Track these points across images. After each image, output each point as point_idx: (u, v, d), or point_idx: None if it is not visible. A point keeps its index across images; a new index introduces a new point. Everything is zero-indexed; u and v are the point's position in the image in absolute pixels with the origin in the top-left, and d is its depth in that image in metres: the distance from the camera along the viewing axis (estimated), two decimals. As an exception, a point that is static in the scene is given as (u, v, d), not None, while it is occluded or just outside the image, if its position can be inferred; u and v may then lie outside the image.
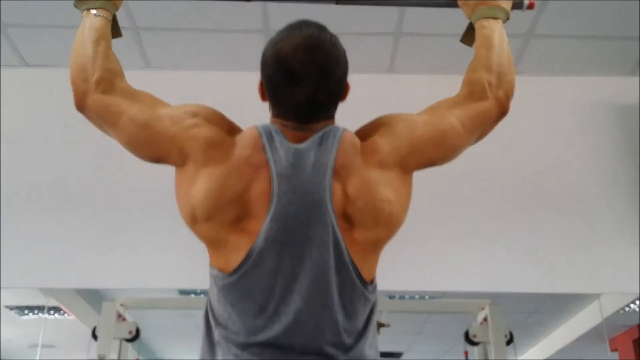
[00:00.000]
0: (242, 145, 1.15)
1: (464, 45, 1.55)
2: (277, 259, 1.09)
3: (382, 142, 1.18)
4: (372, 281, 1.17)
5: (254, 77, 1.24)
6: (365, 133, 1.22)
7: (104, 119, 1.26)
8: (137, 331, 3.25)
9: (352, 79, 1.23)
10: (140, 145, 1.23)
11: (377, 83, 3.05)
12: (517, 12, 1.54)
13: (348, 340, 1.11)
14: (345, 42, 1.25)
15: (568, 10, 2.73)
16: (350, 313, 1.12)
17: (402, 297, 3.69)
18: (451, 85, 1.47)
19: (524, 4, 1.54)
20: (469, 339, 3.36)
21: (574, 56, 3.04)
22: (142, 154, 1.24)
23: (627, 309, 3.66)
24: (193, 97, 1.51)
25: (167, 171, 1.28)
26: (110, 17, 1.40)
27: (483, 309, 3.34)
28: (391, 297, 3.60)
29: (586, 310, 3.87)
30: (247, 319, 1.09)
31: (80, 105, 1.28)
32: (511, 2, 1.49)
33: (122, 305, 3.26)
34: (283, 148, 1.14)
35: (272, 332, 1.08)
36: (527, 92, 3.10)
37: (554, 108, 3.08)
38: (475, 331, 3.34)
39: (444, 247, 2.78)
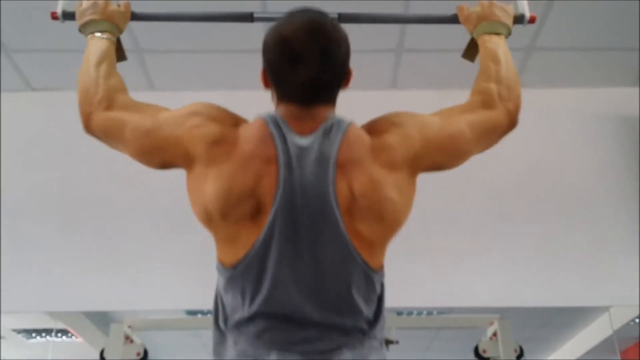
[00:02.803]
0: (249, 137, 1.15)
1: (465, 60, 1.57)
2: (280, 250, 1.10)
3: (393, 142, 1.18)
4: (381, 268, 1.19)
5: (258, 96, 1.26)
6: (375, 129, 1.22)
7: (110, 134, 1.28)
8: (145, 352, 3.23)
9: (355, 95, 1.25)
10: (148, 154, 1.24)
11: (380, 99, 3.04)
12: (518, 25, 1.55)
13: (357, 326, 1.14)
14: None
15: (569, 22, 2.75)
16: (360, 301, 1.14)
17: (410, 314, 3.67)
18: (454, 101, 1.48)
19: (525, 19, 1.56)
20: (478, 355, 3.33)
21: (575, 68, 3.05)
22: (150, 161, 1.25)
23: (637, 320, 3.63)
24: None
25: (174, 192, 1.28)
26: (114, 40, 1.43)
27: (492, 323, 3.31)
28: (399, 313, 3.57)
29: (596, 322, 3.84)
30: (254, 307, 1.11)
31: (87, 127, 1.30)
32: (512, 17, 1.51)
33: (129, 326, 3.25)
34: (289, 139, 1.14)
35: (281, 321, 1.11)
36: (529, 104, 3.08)
37: (556, 120, 3.09)
38: (485, 346, 3.31)
39: (452, 263, 2.77)
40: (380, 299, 1.19)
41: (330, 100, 1.21)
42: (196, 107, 1.23)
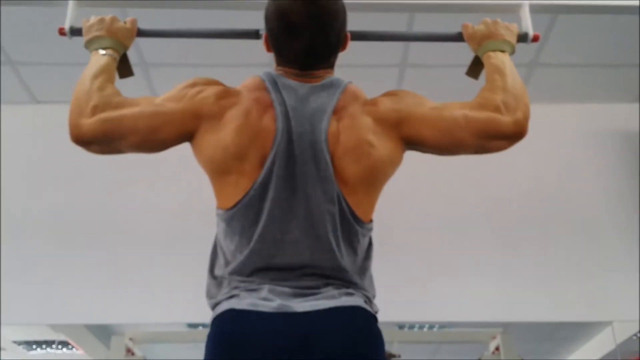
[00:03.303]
0: (248, 90, 1.25)
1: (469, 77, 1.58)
2: (276, 190, 1.17)
3: (384, 100, 1.28)
4: (369, 222, 1.25)
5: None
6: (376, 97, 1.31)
7: (107, 132, 1.25)
8: (146, 365, 3.23)
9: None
10: (154, 134, 1.25)
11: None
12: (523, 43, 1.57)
13: (345, 269, 1.19)
14: (351, 74, 1.30)
15: (571, 39, 2.77)
16: (345, 244, 1.20)
17: (412, 327, 3.66)
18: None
19: (529, 37, 1.58)
20: (481, 369, 3.32)
21: (576, 84, 3.07)
22: (156, 143, 1.26)
23: (639, 334, 3.61)
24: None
25: (175, 206, 1.28)
26: (117, 56, 1.43)
27: (495, 338, 3.30)
28: (401, 327, 3.57)
29: (598, 336, 3.82)
30: (251, 246, 1.17)
31: (76, 135, 1.26)
32: (516, 35, 1.52)
33: (130, 339, 3.24)
34: (285, 91, 1.23)
35: (273, 258, 1.17)
36: (531, 120, 3.13)
37: (558, 135, 3.10)
38: (487, 361, 3.30)
39: (455, 277, 2.77)
40: (367, 254, 1.26)
41: (328, 64, 1.30)
42: (192, 80, 1.30)
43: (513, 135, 1.33)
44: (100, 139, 1.26)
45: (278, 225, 1.18)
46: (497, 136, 1.32)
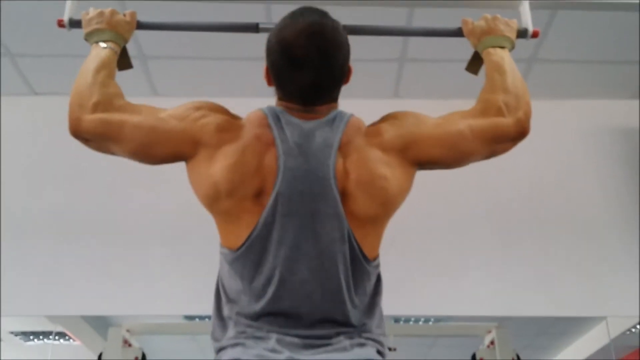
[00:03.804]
0: (250, 125, 1.21)
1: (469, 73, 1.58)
2: (281, 231, 1.14)
3: (386, 127, 1.25)
4: (375, 258, 1.22)
5: (260, 104, 1.28)
6: (375, 123, 1.29)
7: (105, 134, 1.26)
8: (143, 356, 3.24)
9: (357, 104, 1.27)
10: (148, 148, 1.25)
11: (382, 108, 3.05)
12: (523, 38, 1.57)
13: (355, 313, 1.16)
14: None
15: (570, 35, 2.78)
16: (355, 286, 1.17)
17: (407, 321, 3.67)
18: (456, 111, 1.49)
19: (528, 33, 1.58)
20: (476, 362, 3.33)
21: (576, 80, 3.08)
22: (149, 157, 1.27)
23: (633, 329, 3.64)
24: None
25: (171, 198, 1.28)
26: (117, 50, 1.43)
27: (490, 332, 3.31)
28: (397, 320, 3.58)
29: (593, 331, 3.84)
30: (256, 289, 1.14)
31: (75, 129, 1.28)
32: (516, 31, 1.52)
33: (127, 330, 3.25)
34: (289, 127, 1.20)
35: (280, 301, 1.13)
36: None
37: (557, 131, 3.11)
38: (482, 354, 3.31)
39: (451, 271, 2.79)
40: (376, 290, 1.22)
41: (331, 98, 1.26)
42: (197, 103, 1.28)
43: (516, 135, 1.35)
44: (97, 139, 1.28)
45: (286, 266, 1.14)
46: (503, 140, 1.34)
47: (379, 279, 1.23)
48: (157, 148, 1.24)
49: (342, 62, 1.24)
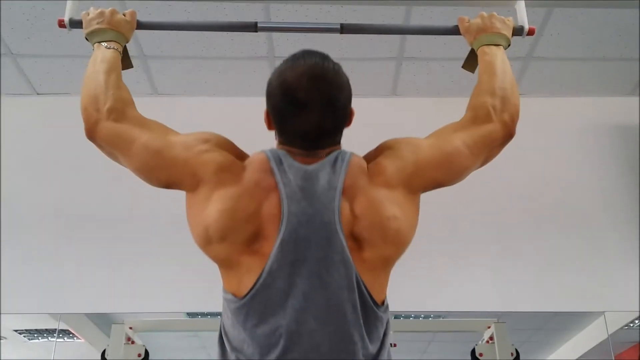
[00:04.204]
0: (252, 169, 1.18)
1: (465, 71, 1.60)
2: (287, 279, 1.10)
3: (387, 163, 1.22)
4: (384, 302, 1.19)
5: (260, 103, 1.28)
6: (371, 157, 1.26)
7: (116, 146, 1.29)
8: (146, 353, 3.26)
9: (355, 102, 1.28)
10: (152, 171, 1.26)
11: (380, 107, 3.10)
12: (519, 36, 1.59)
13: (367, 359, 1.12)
14: (348, 67, 1.29)
15: (567, 32, 2.78)
16: (365, 333, 1.12)
17: (407, 317, 3.69)
18: (453, 108, 1.51)
19: (524, 30, 1.59)
20: (475, 358, 3.35)
21: (574, 77, 3.08)
22: (153, 179, 1.27)
23: (631, 325, 3.65)
24: (200, 122, 1.56)
25: (175, 195, 1.31)
26: (120, 50, 1.45)
27: (489, 327, 3.33)
28: (396, 316, 3.60)
29: (591, 326, 3.86)
30: (261, 340, 1.10)
31: (91, 134, 1.31)
32: (512, 28, 1.54)
33: (130, 328, 3.27)
34: (292, 171, 1.16)
35: (288, 353, 1.08)
36: (527, 113, 3.12)
37: (555, 129, 3.12)
38: (481, 350, 3.33)
39: (450, 267, 2.80)
40: (385, 333, 1.18)
41: (334, 142, 1.23)
42: (206, 135, 1.26)
43: (503, 139, 1.37)
44: (108, 148, 1.31)
45: (293, 316, 1.09)
46: (494, 145, 1.36)
47: (387, 324, 1.19)
48: (159, 172, 1.25)
49: (344, 104, 1.21)
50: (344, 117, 1.23)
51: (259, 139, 1.36)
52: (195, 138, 1.24)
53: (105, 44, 1.43)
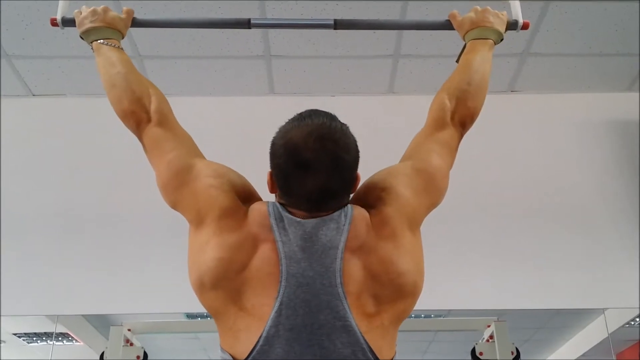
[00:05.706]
0: (252, 221, 1.14)
1: (460, 66, 1.59)
2: (286, 346, 1.05)
3: (389, 211, 1.17)
4: (393, 357, 1.14)
5: (255, 102, 1.28)
6: (370, 201, 1.20)
7: (152, 150, 1.30)
8: (145, 355, 3.25)
9: (353, 100, 1.27)
10: (167, 187, 1.25)
11: (377, 104, 3.08)
12: (513, 30, 1.58)
13: None
14: (345, 65, 1.28)
15: (564, 27, 2.78)
16: None
17: (408, 316, 3.68)
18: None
19: (519, 25, 1.58)
20: (475, 357, 3.34)
21: (572, 73, 3.08)
22: (165, 196, 1.27)
23: (632, 323, 3.64)
24: (196, 122, 1.55)
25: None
26: (120, 47, 1.45)
27: (489, 326, 3.32)
28: (397, 316, 3.59)
29: (592, 325, 3.85)
30: None
31: (138, 129, 1.32)
32: (505, 22, 1.53)
33: (129, 330, 3.26)
34: (292, 229, 1.12)
35: None
36: (525, 109, 3.15)
37: (553, 125, 3.12)
38: (482, 348, 3.32)
39: (449, 266, 2.79)
40: None
41: (339, 205, 1.17)
42: (223, 170, 1.24)
43: (459, 140, 1.38)
44: (147, 147, 1.32)
45: None
46: (455, 149, 1.37)
47: None
48: (171, 193, 1.24)
49: (351, 166, 1.16)
50: (351, 179, 1.18)
51: (254, 138, 1.36)
52: (213, 169, 1.23)
53: (106, 42, 1.43)
